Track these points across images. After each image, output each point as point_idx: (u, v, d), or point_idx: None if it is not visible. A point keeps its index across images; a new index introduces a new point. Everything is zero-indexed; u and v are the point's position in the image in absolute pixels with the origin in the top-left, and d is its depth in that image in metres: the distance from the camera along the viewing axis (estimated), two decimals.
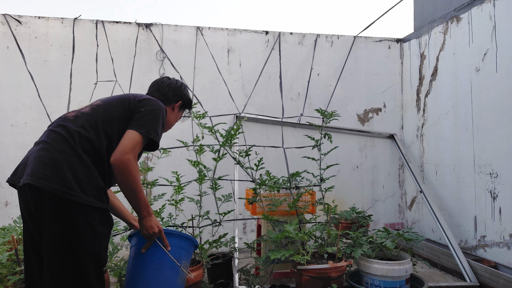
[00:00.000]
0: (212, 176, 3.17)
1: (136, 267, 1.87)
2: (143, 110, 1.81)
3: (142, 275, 1.86)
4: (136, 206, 1.77)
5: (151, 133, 1.78)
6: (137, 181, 1.71)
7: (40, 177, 1.58)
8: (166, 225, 2.89)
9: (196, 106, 4.23)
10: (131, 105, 1.83)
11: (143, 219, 1.80)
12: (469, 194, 3.74)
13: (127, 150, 1.69)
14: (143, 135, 1.75)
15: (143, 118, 1.78)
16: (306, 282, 2.69)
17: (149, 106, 1.84)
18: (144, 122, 1.78)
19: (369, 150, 4.81)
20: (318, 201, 3.29)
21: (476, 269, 3.33)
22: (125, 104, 1.82)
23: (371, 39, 4.86)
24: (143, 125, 1.76)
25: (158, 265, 1.87)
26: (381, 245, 2.90)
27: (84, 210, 1.61)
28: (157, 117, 1.83)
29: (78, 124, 1.71)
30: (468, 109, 3.74)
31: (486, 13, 3.53)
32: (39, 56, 4.04)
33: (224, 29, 4.50)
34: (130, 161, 1.68)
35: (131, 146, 1.71)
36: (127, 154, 1.68)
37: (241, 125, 3.30)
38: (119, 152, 1.68)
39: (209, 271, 3.14)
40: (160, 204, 3.14)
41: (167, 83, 2.09)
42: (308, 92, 4.65)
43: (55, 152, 1.63)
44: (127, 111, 1.81)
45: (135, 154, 1.72)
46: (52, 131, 1.71)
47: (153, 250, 1.86)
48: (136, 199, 1.75)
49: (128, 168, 1.68)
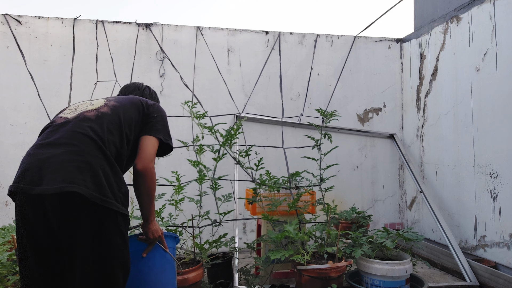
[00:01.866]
0: (212, 176, 3.17)
1: (139, 272, 1.88)
2: (156, 116, 1.84)
3: (148, 279, 1.89)
4: (148, 211, 1.79)
5: (168, 139, 1.85)
6: (155, 188, 1.77)
7: (80, 183, 1.46)
8: (166, 225, 2.89)
9: (196, 106, 4.23)
10: (145, 109, 1.84)
11: (150, 223, 1.83)
12: (469, 194, 3.74)
13: (152, 158, 1.74)
14: (161, 141, 1.81)
15: (158, 123, 1.82)
16: (306, 282, 2.69)
17: (160, 111, 1.89)
18: (159, 128, 1.82)
19: (369, 150, 4.81)
20: (318, 201, 3.29)
21: (476, 269, 3.33)
22: (139, 108, 1.83)
23: (371, 39, 4.86)
24: (159, 131, 1.81)
25: (161, 267, 1.91)
26: (381, 245, 2.90)
27: (117, 218, 1.57)
28: (167, 123, 1.90)
29: (104, 126, 1.64)
30: (468, 109, 3.74)
31: (486, 13, 3.52)
32: (39, 56, 4.03)
33: (224, 29, 4.50)
34: (154, 169, 1.74)
35: (154, 152, 1.76)
36: (152, 161, 1.73)
37: (241, 125, 3.30)
38: (145, 160, 1.71)
39: (209, 271, 3.14)
40: (160, 204, 3.14)
41: (148, 92, 2.14)
42: (308, 92, 4.65)
43: (88, 156, 1.53)
44: (142, 115, 1.82)
45: (154, 160, 1.78)
46: (77, 132, 1.59)
47: (154, 253, 1.90)
48: (150, 205, 1.78)
49: (153, 176, 1.73)
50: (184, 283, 2.49)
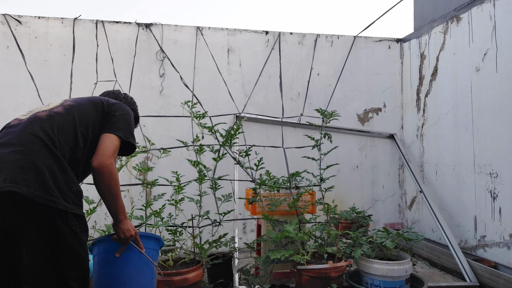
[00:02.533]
0: (212, 176, 3.17)
1: (112, 273, 1.82)
2: (118, 114, 1.81)
3: (120, 280, 1.81)
4: (115, 210, 1.74)
5: (129, 137, 1.80)
6: (118, 185, 1.70)
7: (21, 183, 1.45)
8: (166, 224, 2.89)
9: (196, 106, 4.23)
10: (105, 107, 1.81)
11: (120, 222, 1.77)
12: (469, 194, 3.74)
13: (109, 154, 1.67)
14: (122, 138, 1.76)
15: (119, 122, 1.79)
16: (306, 282, 2.69)
17: (122, 110, 1.86)
18: (120, 126, 1.78)
19: (369, 150, 4.81)
20: (318, 201, 3.29)
21: (476, 269, 3.33)
22: (98, 107, 1.80)
23: (371, 39, 4.86)
24: (120, 129, 1.77)
25: (136, 268, 1.85)
26: (381, 245, 2.90)
27: (67, 218, 1.53)
28: (130, 121, 1.87)
29: (55, 126, 1.63)
30: (468, 109, 3.74)
31: (486, 13, 3.52)
32: (39, 56, 4.04)
33: (224, 29, 4.50)
34: (112, 165, 1.67)
35: (112, 150, 1.70)
36: (109, 158, 1.67)
37: (241, 125, 3.30)
38: (101, 156, 1.66)
39: (209, 271, 3.14)
40: (160, 204, 3.13)
41: (123, 96, 2.12)
42: (308, 92, 4.65)
43: (32, 155, 1.52)
44: (101, 113, 1.79)
45: (115, 158, 1.72)
46: (25, 132, 1.58)
47: (128, 254, 1.84)
48: (115, 203, 1.72)
49: (112, 172, 1.66)
50: (184, 283, 2.49)
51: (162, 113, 4.29)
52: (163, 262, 2.64)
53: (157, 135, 4.24)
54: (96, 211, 2.75)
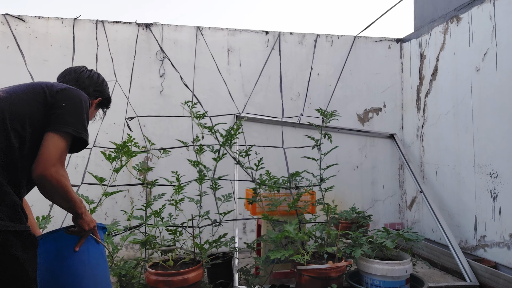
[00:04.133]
0: (212, 176, 3.17)
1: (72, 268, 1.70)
2: (64, 105, 1.48)
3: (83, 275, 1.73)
4: (71, 208, 1.53)
5: (81, 132, 1.50)
6: (69, 190, 1.45)
7: None
8: (166, 224, 2.89)
9: (196, 106, 4.23)
10: (48, 97, 1.48)
11: (82, 215, 1.58)
12: (469, 194, 3.74)
13: (53, 161, 1.38)
14: (71, 134, 1.46)
15: (66, 114, 1.47)
16: (306, 282, 2.69)
17: (71, 98, 1.52)
18: (67, 119, 1.46)
19: (369, 150, 4.81)
20: (318, 201, 3.29)
21: (476, 269, 3.33)
22: (39, 96, 1.47)
23: (371, 39, 4.86)
24: (68, 123, 1.46)
25: (96, 260, 1.77)
26: (381, 245, 2.90)
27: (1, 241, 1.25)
28: (82, 111, 1.53)
29: None
30: (468, 109, 3.74)
31: (486, 13, 3.52)
32: (39, 56, 4.03)
33: (224, 29, 4.49)
34: (58, 173, 1.39)
35: (57, 154, 1.40)
36: (53, 165, 1.38)
37: (241, 125, 3.30)
38: (43, 164, 1.37)
39: (209, 271, 3.14)
40: (160, 204, 3.13)
41: (88, 75, 1.78)
42: (308, 92, 4.65)
43: None
44: (43, 104, 1.46)
45: (62, 162, 1.43)
46: None
47: (88, 246, 1.74)
48: (70, 204, 1.50)
49: (58, 182, 1.39)
50: (184, 283, 2.49)
51: (162, 113, 4.29)
52: (163, 262, 2.64)
53: (157, 135, 4.24)
54: (96, 211, 2.75)
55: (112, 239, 2.63)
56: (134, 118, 4.16)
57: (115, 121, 4.17)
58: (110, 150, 2.92)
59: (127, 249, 4.11)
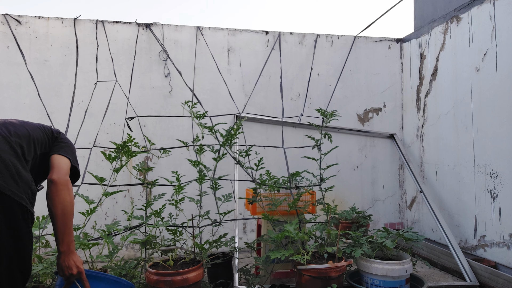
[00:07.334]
0: (212, 176, 3.17)
1: None
2: (65, 142, 1.88)
3: None
4: (62, 234, 1.60)
5: (76, 164, 1.85)
6: (73, 205, 1.67)
7: None
8: (167, 225, 2.89)
9: (196, 106, 4.24)
10: (54, 133, 1.88)
11: (64, 254, 1.60)
12: (469, 194, 3.74)
13: (66, 172, 1.71)
14: (71, 163, 1.80)
15: (67, 147, 1.85)
16: (306, 282, 2.69)
17: (68, 140, 1.93)
18: (68, 151, 1.83)
19: (369, 150, 4.81)
20: (318, 201, 3.29)
21: (476, 269, 3.33)
22: (47, 131, 1.86)
23: (371, 39, 4.86)
24: (69, 154, 1.81)
25: None
26: (381, 245, 2.90)
27: (26, 215, 1.57)
28: (75, 151, 1.91)
29: (11, 130, 1.68)
30: (468, 109, 3.75)
31: (486, 13, 3.53)
32: (39, 56, 4.04)
33: (224, 29, 4.50)
34: (69, 182, 1.69)
35: (67, 169, 1.74)
36: (66, 175, 1.70)
37: (241, 125, 3.31)
38: (59, 172, 1.68)
39: (209, 271, 3.14)
40: (160, 204, 3.14)
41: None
42: (308, 92, 4.65)
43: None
44: (49, 137, 1.84)
45: (68, 178, 1.73)
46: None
47: None
48: (66, 226, 1.61)
49: (69, 188, 1.67)
50: (184, 283, 2.49)
51: (162, 113, 4.29)
52: (164, 262, 2.65)
53: (157, 135, 4.24)
54: (96, 211, 2.75)
55: (112, 239, 2.63)
56: (134, 118, 4.17)
57: (115, 121, 4.17)
58: (110, 150, 2.93)
59: (127, 249, 4.12)
